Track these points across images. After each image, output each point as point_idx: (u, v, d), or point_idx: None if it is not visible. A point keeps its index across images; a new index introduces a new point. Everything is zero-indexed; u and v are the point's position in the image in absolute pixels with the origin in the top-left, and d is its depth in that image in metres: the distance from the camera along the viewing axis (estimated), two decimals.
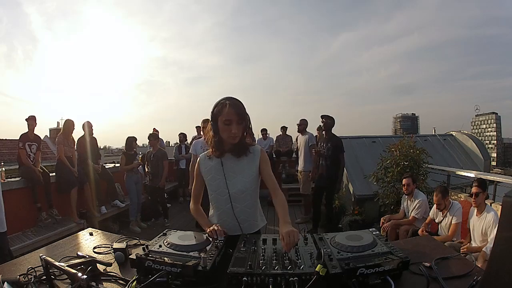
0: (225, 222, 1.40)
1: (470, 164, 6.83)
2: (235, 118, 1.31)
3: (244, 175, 1.40)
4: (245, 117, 1.35)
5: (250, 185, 1.41)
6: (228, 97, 1.36)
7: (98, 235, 1.55)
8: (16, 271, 1.12)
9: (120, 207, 4.86)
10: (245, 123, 1.35)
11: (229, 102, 1.32)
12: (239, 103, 1.34)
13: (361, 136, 7.11)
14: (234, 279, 0.90)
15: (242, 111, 1.34)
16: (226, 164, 1.41)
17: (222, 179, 1.40)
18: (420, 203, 3.40)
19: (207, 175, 1.44)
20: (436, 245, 1.28)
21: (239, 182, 1.40)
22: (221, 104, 1.34)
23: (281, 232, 1.11)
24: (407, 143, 4.43)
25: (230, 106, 1.31)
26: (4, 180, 3.62)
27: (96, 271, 1.07)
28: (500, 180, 3.53)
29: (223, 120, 1.31)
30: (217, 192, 1.42)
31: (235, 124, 1.31)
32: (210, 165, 1.44)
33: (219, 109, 1.33)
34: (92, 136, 4.62)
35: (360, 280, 0.90)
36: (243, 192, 1.40)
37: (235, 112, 1.30)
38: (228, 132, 1.31)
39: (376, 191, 4.65)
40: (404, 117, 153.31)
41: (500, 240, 0.68)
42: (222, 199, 1.41)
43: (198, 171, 1.48)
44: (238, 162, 1.41)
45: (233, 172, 1.40)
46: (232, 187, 1.39)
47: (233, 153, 1.40)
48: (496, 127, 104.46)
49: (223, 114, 1.31)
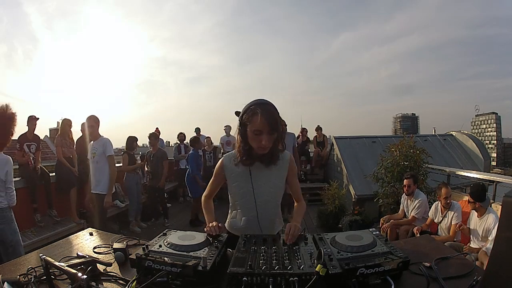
0: (247, 228, 1.38)
1: (470, 164, 6.83)
2: (267, 129, 1.17)
3: (271, 185, 1.37)
4: (278, 127, 1.20)
5: (276, 195, 1.41)
6: (259, 102, 1.21)
7: (98, 235, 1.55)
8: (16, 271, 1.12)
9: (120, 207, 4.86)
10: (277, 133, 1.22)
11: (260, 110, 1.18)
12: (271, 110, 1.20)
13: (361, 136, 7.11)
14: (234, 279, 0.90)
15: (275, 120, 1.19)
16: (254, 173, 1.33)
17: (249, 189, 1.34)
18: (420, 203, 3.41)
19: (232, 181, 1.38)
20: (436, 245, 1.28)
21: (266, 192, 1.37)
22: (251, 110, 1.20)
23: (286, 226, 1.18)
24: (407, 143, 4.43)
25: (261, 115, 1.16)
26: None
27: (96, 271, 1.07)
28: (500, 180, 3.53)
29: (252, 130, 1.19)
30: (243, 200, 1.39)
31: (266, 134, 1.18)
32: (236, 172, 1.36)
33: (249, 117, 1.20)
34: None
35: (360, 280, 0.90)
36: (269, 202, 1.39)
37: (266, 122, 1.16)
38: (258, 142, 1.20)
39: (376, 191, 4.65)
40: (404, 117, 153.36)
41: (500, 240, 0.68)
42: (248, 207, 1.38)
43: (221, 173, 1.41)
44: (266, 170, 1.34)
45: (260, 181, 1.35)
46: (259, 197, 1.35)
47: (262, 162, 1.32)
48: (496, 127, 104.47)
49: (253, 123, 1.18)
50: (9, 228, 2.24)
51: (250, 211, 1.38)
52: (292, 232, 1.14)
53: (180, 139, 6.92)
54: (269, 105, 1.22)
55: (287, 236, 1.14)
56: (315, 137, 7.21)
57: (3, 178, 2.23)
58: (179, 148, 6.90)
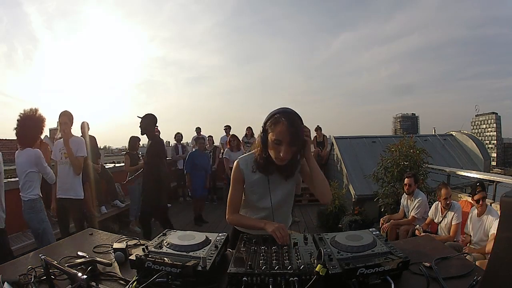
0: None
1: (470, 164, 6.83)
2: (287, 140, 1.13)
3: (286, 193, 1.38)
4: (299, 140, 1.17)
5: (289, 202, 1.42)
6: (285, 111, 1.17)
7: (98, 235, 1.55)
8: (16, 271, 1.12)
9: (120, 207, 4.86)
10: (298, 146, 1.18)
11: (285, 118, 1.14)
12: (296, 121, 1.16)
13: (361, 136, 7.11)
14: (234, 279, 0.90)
15: (297, 132, 1.14)
16: (272, 182, 1.32)
17: (267, 197, 1.33)
18: (420, 203, 3.41)
19: (248, 187, 1.35)
20: (436, 245, 1.28)
21: (283, 199, 1.37)
22: (275, 118, 1.17)
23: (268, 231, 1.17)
24: (407, 143, 4.44)
25: (283, 125, 1.13)
26: None
27: (96, 271, 1.07)
28: (500, 180, 3.53)
29: (273, 139, 1.16)
30: (259, 207, 1.38)
31: (286, 145, 1.14)
32: (252, 179, 1.33)
33: (271, 124, 1.17)
34: (91, 136, 4.61)
35: (360, 280, 0.90)
36: (283, 206, 1.40)
37: (288, 133, 1.12)
38: (276, 153, 1.17)
39: (376, 191, 4.65)
40: (404, 117, 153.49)
41: (500, 240, 0.68)
42: (264, 214, 1.37)
43: (241, 179, 1.34)
44: (283, 180, 1.33)
45: (278, 190, 1.35)
46: (276, 203, 1.35)
47: (280, 174, 1.30)
48: (496, 127, 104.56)
49: (275, 132, 1.15)
50: (36, 217, 2.49)
51: (266, 217, 1.37)
52: (280, 234, 1.12)
53: (177, 139, 6.91)
54: (294, 114, 1.18)
55: (280, 240, 1.11)
56: (315, 137, 7.21)
57: (35, 170, 2.52)
58: (176, 148, 6.89)
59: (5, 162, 4.98)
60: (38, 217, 2.48)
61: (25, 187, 2.55)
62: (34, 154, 2.56)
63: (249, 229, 1.34)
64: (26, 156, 2.55)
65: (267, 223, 1.23)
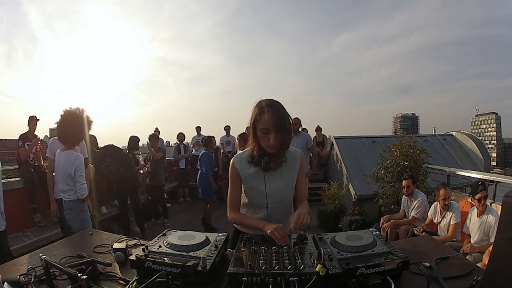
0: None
1: (470, 164, 6.83)
2: (274, 128, 1.22)
3: (284, 185, 1.37)
4: (286, 125, 1.24)
5: (288, 195, 1.40)
6: (268, 102, 1.26)
7: (98, 235, 1.55)
8: (16, 271, 1.12)
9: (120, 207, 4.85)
10: (285, 131, 1.25)
11: (268, 108, 1.22)
12: (279, 109, 1.24)
13: (361, 136, 7.10)
14: (234, 279, 0.90)
15: (282, 118, 1.23)
16: (268, 173, 1.34)
17: (262, 189, 1.34)
18: (420, 203, 3.41)
19: (245, 182, 1.37)
20: (436, 245, 1.28)
21: (279, 192, 1.37)
22: (259, 109, 1.25)
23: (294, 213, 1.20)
24: (407, 143, 4.43)
25: (268, 114, 1.21)
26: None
27: (96, 271, 1.07)
28: (500, 180, 3.53)
29: (260, 128, 1.24)
30: (255, 201, 1.38)
31: (274, 133, 1.22)
32: (248, 173, 1.36)
33: (257, 115, 1.25)
34: (91, 135, 4.60)
35: (360, 280, 0.90)
36: (281, 202, 1.38)
37: (274, 121, 1.21)
38: (266, 141, 1.24)
39: (376, 191, 4.65)
40: (404, 117, 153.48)
41: (500, 240, 0.68)
42: (259, 208, 1.38)
43: (237, 177, 1.37)
44: (278, 169, 1.35)
45: (273, 182, 1.35)
46: (271, 197, 1.35)
47: (274, 162, 1.33)
48: (496, 127, 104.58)
49: (261, 122, 1.23)
50: (78, 218, 2.46)
51: (261, 211, 1.37)
52: (300, 220, 1.15)
53: (180, 139, 6.92)
54: (277, 104, 1.26)
55: (295, 224, 1.14)
56: (314, 137, 7.21)
57: (72, 173, 2.42)
58: (179, 148, 6.90)
59: (6, 162, 5.00)
60: (80, 217, 2.47)
61: (66, 189, 2.50)
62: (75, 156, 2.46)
63: (249, 229, 1.35)
64: (69, 159, 2.46)
65: (266, 224, 1.24)
